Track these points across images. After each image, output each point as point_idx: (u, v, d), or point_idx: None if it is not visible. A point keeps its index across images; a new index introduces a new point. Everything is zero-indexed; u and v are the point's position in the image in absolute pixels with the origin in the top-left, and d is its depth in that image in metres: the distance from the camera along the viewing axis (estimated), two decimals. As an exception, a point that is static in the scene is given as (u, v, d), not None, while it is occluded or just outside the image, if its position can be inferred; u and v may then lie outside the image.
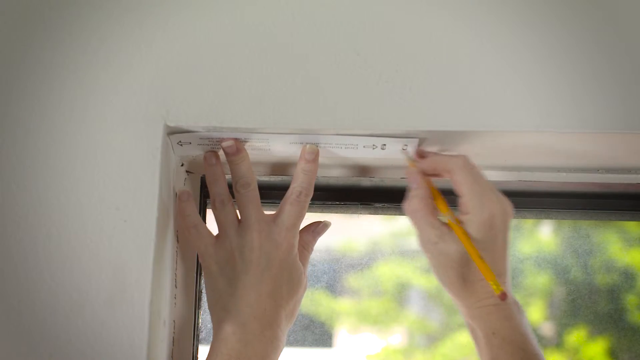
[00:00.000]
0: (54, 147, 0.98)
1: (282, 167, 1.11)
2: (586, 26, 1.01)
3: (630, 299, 1.29)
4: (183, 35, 1.01)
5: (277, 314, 1.00)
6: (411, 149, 1.04)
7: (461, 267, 0.98)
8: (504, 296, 0.94)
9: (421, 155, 1.04)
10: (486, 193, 0.97)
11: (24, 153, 0.98)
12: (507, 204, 0.98)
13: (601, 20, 1.01)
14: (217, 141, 1.03)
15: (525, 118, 1.00)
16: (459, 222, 0.98)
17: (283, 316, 1.01)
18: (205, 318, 1.09)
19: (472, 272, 0.97)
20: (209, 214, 1.09)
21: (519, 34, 1.01)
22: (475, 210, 0.97)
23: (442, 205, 1.00)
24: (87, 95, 0.99)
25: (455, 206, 1.00)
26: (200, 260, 1.04)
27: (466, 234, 0.97)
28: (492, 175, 1.12)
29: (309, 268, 1.08)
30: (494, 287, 0.94)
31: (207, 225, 1.04)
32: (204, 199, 1.14)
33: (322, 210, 1.18)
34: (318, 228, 1.09)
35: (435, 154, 1.03)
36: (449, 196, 1.01)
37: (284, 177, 1.13)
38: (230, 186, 1.04)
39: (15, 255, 0.96)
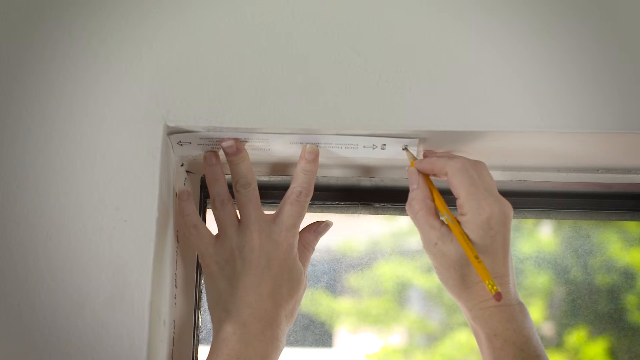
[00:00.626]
0: (54, 147, 0.98)
1: (282, 167, 1.11)
2: (586, 26, 1.01)
3: (630, 299, 1.29)
4: (183, 35, 1.01)
5: (277, 314, 1.00)
6: (412, 148, 1.04)
7: (462, 268, 0.98)
8: (499, 296, 0.94)
9: (427, 155, 1.03)
10: (483, 195, 0.97)
11: (24, 153, 0.98)
12: (506, 205, 0.98)
13: (601, 20, 1.01)
14: (217, 141, 1.03)
15: (525, 118, 1.00)
16: (458, 223, 0.97)
17: (283, 316, 1.01)
18: (205, 318, 1.09)
19: (473, 273, 0.97)
20: (209, 214, 1.09)
21: (519, 34, 1.01)
22: (472, 212, 0.96)
23: (441, 205, 1.00)
24: (87, 96, 0.99)
25: (455, 206, 1.00)
26: (200, 260, 1.04)
27: (464, 234, 0.97)
28: (493, 176, 1.12)
29: (309, 268, 1.08)
30: (489, 287, 0.94)
31: (207, 225, 1.04)
32: (204, 199, 1.14)
33: (322, 210, 1.18)
34: (319, 228, 1.09)
35: (436, 155, 1.02)
36: (451, 196, 1.00)
37: (284, 177, 1.13)
38: (230, 186, 1.04)
39: (15, 255, 0.96)
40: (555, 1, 1.02)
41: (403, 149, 1.03)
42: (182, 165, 1.08)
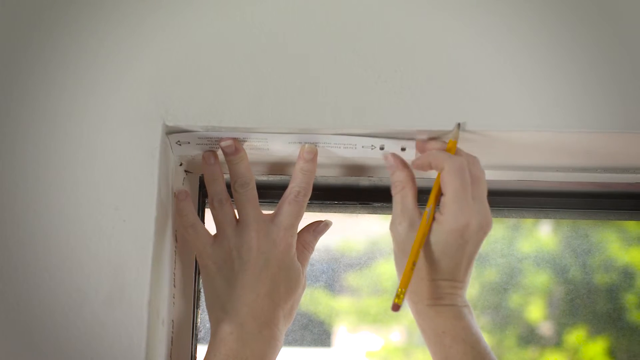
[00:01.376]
0: (54, 147, 0.99)
1: (280, 166, 1.11)
2: (586, 26, 1.01)
3: (629, 299, 1.29)
4: (182, 35, 1.01)
5: (275, 313, 1.00)
6: (411, 148, 1.04)
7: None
8: (395, 308, 0.94)
9: (420, 146, 1.02)
10: (466, 203, 0.95)
11: (24, 153, 0.98)
12: (485, 218, 0.96)
13: (601, 20, 1.01)
14: (215, 141, 1.03)
15: (525, 118, 1.00)
16: (432, 220, 0.96)
17: (281, 316, 1.01)
18: (203, 317, 1.09)
19: (425, 269, 0.97)
20: (208, 214, 1.09)
21: (519, 34, 1.01)
22: (450, 215, 0.95)
23: (433, 198, 0.98)
24: (86, 95, 0.99)
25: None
26: (198, 259, 1.04)
27: (425, 235, 0.96)
28: (492, 175, 1.12)
29: (308, 267, 1.08)
30: (398, 297, 0.94)
31: (206, 225, 1.05)
32: (203, 198, 1.14)
33: (321, 209, 1.19)
34: (319, 227, 1.09)
35: (437, 149, 1.00)
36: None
37: (283, 177, 1.13)
38: (228, 186, 1.04)
39: (15, 255, 0.96)
40: (555, 1, 1.01)
41: (400, 146, 1.03)
42: (180, 164, 1.08)
